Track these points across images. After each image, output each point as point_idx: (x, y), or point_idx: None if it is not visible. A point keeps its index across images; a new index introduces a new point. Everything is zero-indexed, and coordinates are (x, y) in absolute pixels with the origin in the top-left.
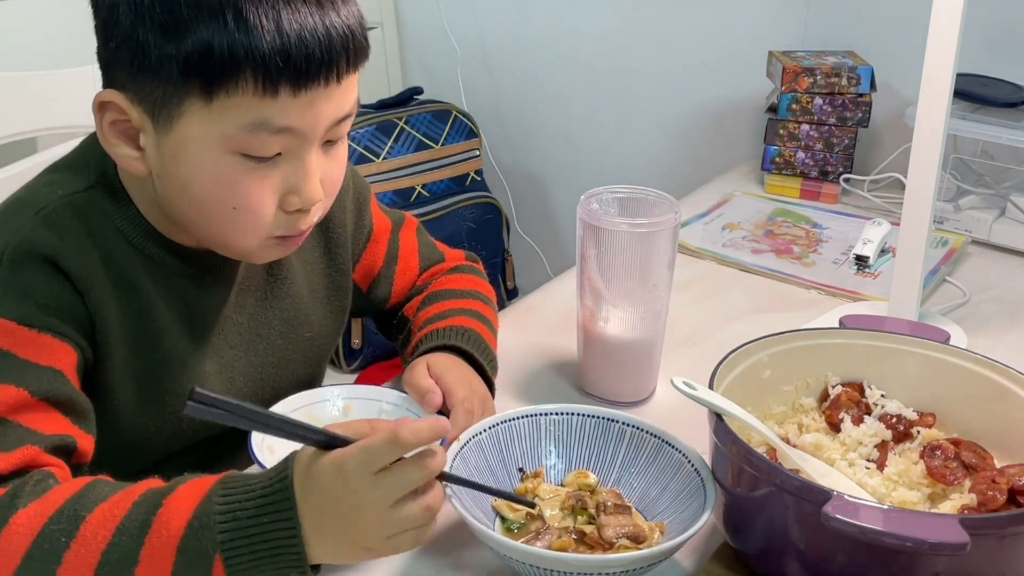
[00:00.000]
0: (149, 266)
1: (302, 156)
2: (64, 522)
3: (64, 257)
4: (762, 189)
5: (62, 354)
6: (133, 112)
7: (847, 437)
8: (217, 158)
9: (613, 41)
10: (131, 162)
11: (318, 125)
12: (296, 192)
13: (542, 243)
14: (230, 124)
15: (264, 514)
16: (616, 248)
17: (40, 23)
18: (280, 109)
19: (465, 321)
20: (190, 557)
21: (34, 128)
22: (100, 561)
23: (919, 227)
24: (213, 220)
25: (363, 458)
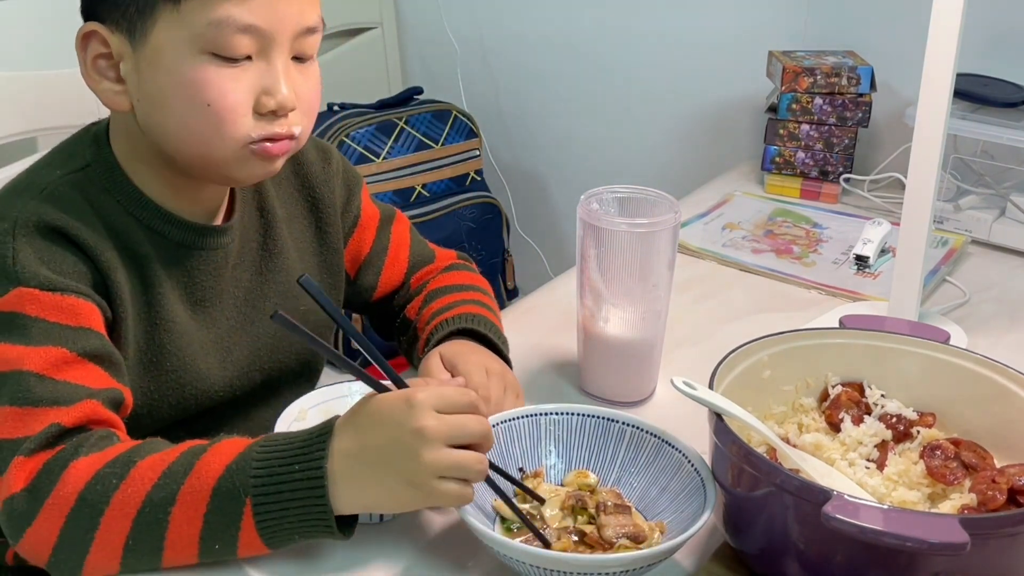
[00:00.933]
0: (149, 235)
1: (271, 59)
2: (119, 466)
3: (71, 227)
4: (762, 189)
5: (88, 312)
6: (113, 39)
7: (847, 437)
8: (189, 59)
9: (613, 41)
10: (114, 96)
11: (282, 26)
12: (269, 93)
13: (542, 243)
14: (198, 23)
15: (296, 461)
16: (616, 248)
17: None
18: (243, 5)
19: (472, 308)
20: (222, 499)
21: (34, 128)
22: (143, 501)
23: (919, 227)
24: (190, 124)
25: (435, 395)
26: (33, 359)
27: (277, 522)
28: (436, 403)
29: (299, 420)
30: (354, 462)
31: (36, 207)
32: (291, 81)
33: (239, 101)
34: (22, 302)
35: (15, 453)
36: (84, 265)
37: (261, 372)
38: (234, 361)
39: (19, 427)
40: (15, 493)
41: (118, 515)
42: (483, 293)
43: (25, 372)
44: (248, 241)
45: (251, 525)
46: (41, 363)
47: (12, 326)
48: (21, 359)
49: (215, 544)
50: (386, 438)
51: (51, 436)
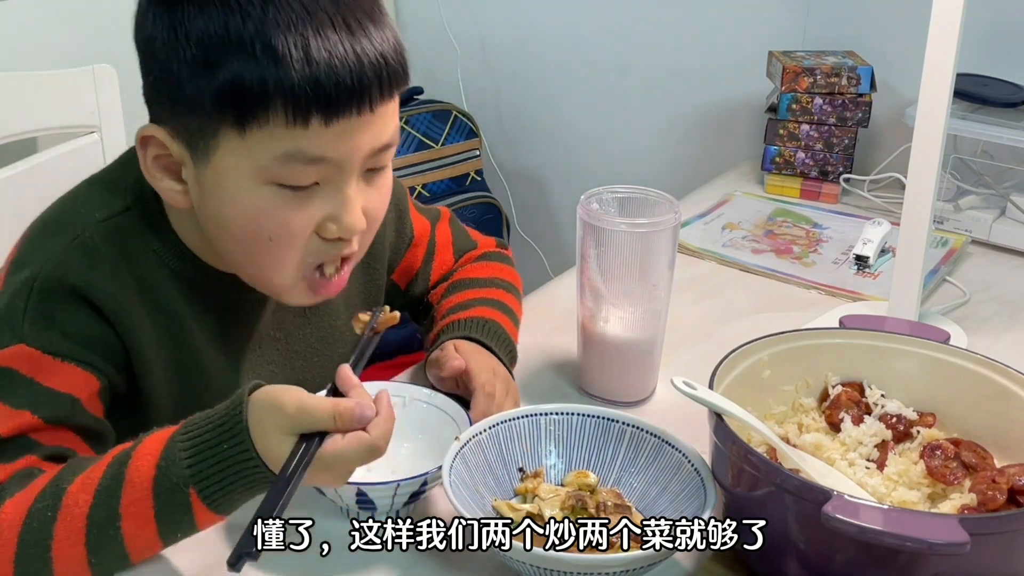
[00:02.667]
0: (183, 288)
1: (340, 186)
2: (48, 498)
3: (94, 289)
4: (762, 189)
5: (83, 383)
6: (173, 146)
7: (847, 437)
8: (253, 189)
9: (613, 41)
10: (175, 195)
11: (354, 155)
12: (335, 220)
13: (542, 243)
14: (264, 155)
15: (223, 441)
16: (616, 248)
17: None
18: (313, 139)
19: (486, 312)
20: (166, 497)
21: (34, 128)
22: (87, 525)
23: (919, 227)
24: (249, 251)
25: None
26: (5, 422)
27: (225, 495)
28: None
29: None
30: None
31: (63, 262)
32: (360, 201)
33: (302, 230)
34: (20, 359)
35: None
36: (99, 329)
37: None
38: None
39: None
40: None
41: (66, 545)
42: (505, 289)
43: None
44: None
45: (202, 507)
46: (9, 428)
47: (3, 382)
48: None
49: (176, 534)
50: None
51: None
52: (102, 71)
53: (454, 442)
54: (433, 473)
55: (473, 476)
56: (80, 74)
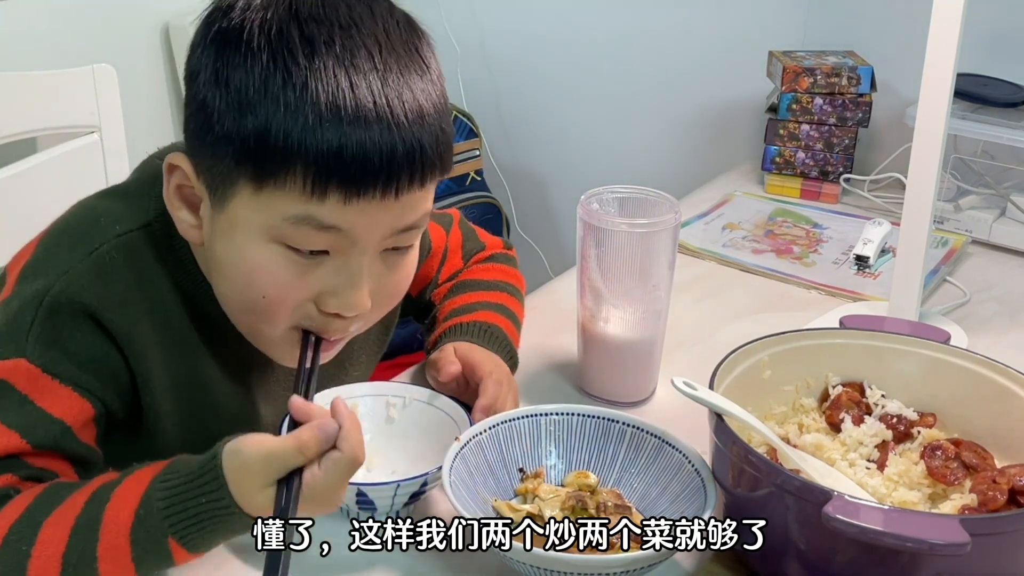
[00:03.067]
0: (197, 316)
1: (351, 261)
2: (24, 529)
3: (106, 310)
4: (762, 189)
5: (77, 410)
6: (195, 181)
7: (847, 437)
8: (260, 245)
9: (613, 41)
10: (189, 228)
11: (371, 232)
12: (336, 295)
13: (542, 243)
14: (276, 214)
15: (202, 494)
16: (616, 248)
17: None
18: (328, 212)
19: (488, 316)
20: (144, 545)
21: (34, 128)
22: (62, 564)
23: (919, 227)
24: (243, 301)
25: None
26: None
27: (205, 539)
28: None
29: None
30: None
31: (76, 278)
32: (373, 280)
33: (297, 298)
34: (18, 374)
35: None
36: (105, 351)
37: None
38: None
39: None
40: None
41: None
42: (509, 292)
43: None
44: None
45: (182, 552)
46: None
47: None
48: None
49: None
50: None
51: None
52: (102, 71)
53: (454, 442)
54: (433, 473)
55: (473, 476)
56: (80, 74)
